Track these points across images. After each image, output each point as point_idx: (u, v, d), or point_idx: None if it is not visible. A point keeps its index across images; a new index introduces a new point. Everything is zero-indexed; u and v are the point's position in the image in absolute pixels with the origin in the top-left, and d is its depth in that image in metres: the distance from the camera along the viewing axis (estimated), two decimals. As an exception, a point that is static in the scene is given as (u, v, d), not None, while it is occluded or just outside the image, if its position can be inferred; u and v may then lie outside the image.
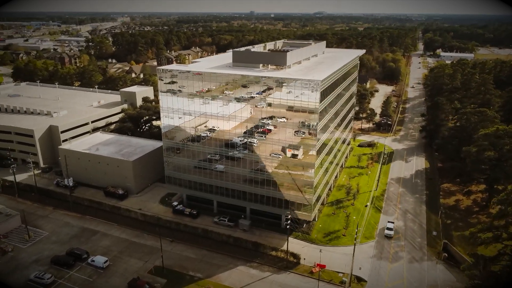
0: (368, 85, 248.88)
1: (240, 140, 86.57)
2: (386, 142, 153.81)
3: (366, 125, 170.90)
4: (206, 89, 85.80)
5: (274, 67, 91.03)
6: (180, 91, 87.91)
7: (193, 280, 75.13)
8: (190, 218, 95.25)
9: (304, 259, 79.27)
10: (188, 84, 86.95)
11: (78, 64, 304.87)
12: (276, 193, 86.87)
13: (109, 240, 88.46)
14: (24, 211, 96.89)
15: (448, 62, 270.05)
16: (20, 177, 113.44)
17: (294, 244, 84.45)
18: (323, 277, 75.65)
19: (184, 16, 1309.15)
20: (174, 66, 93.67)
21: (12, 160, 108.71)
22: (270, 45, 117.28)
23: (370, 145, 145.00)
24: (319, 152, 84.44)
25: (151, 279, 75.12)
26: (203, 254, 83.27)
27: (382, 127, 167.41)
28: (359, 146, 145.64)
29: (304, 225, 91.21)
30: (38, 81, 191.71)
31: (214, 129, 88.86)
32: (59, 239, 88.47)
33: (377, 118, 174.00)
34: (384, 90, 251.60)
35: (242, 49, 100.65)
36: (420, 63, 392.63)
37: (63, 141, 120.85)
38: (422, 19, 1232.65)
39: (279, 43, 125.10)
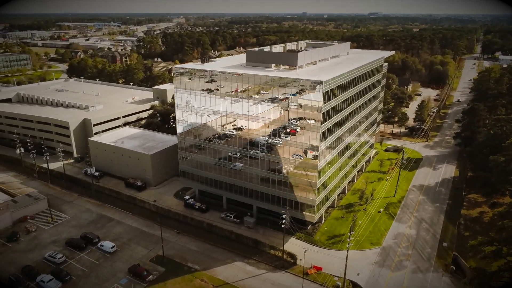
0: (409, 89, 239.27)
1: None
2: (417, 148, 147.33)
3: (398, 130, 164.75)
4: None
5: (287, 67, 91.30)
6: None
7: (190, 271, 77.68)
8: (199, 212, 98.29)
9: (301, 259, 78.80)
10: (200, 82, 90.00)
11: (128, 63, 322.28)
12: (281, 192, 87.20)
13: (122, 227, 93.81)
14: (53, 196, 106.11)
15: (506, 65, 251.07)
16: (55, 165, 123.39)
17: (294, 245, 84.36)
18: (318, 279, 75.03)
19: (236, 17, 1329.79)
20: (189, 65, 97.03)
21: (46, 149, 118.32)
22: (291, 46, 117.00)
23: (397, 150, 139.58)
24: (324, 153, 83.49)
25: (151, 267, 78.85)
26: (205, 247, 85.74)
27: (415, 132, 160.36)
28: (385, 150, 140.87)
29: (309, 226, 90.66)
30: (81, 78, 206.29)
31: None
32: (78, 223, 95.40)
33: (411, 122, 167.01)
34: (427, 94, 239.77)
35: (256, 49, 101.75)
36: (475, 64, 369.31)
37: (95, 133, 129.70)
38: (486, 20, 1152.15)
39: (302, 44, 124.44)
